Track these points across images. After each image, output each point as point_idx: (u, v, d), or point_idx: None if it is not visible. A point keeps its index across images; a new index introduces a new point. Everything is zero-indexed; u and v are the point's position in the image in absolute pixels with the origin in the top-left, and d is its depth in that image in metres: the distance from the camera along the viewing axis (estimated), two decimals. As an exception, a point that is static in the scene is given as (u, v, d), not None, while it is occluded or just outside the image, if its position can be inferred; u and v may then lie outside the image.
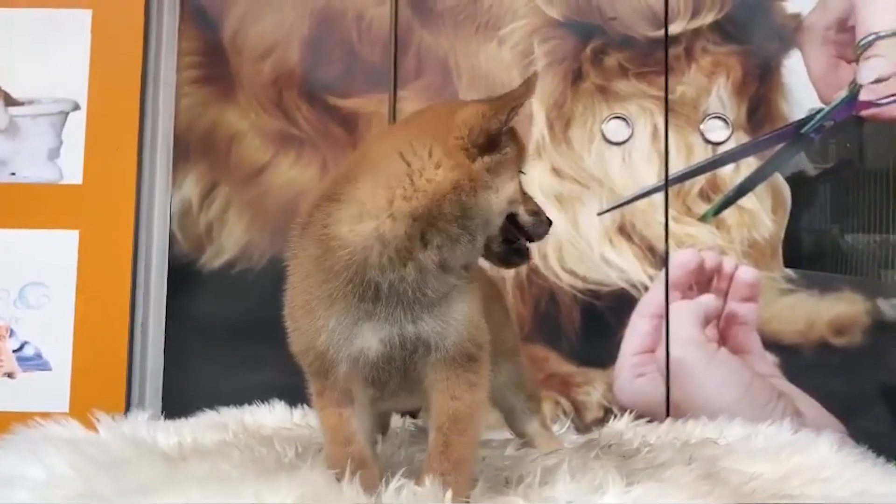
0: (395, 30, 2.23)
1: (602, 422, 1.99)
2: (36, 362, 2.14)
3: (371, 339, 1.07)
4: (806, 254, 2.16)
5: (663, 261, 2.15)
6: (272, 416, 1.65)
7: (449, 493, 0.98)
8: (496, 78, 2.21)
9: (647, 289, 2.15)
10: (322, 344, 1.08)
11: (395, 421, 1.54)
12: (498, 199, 1.11)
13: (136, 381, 2.17)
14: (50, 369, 2.14)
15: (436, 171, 1.06)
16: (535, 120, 2.20)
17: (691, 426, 1.60)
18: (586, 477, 1.02)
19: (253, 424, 1.49)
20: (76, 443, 1.17)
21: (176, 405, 2.02)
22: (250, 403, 1.78)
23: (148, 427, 1.39)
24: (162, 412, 2.11)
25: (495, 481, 1.08)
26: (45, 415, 1.43)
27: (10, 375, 2.14)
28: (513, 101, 1.10)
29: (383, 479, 1.03)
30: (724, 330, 2.14)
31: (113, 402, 2.11)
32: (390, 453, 1.26)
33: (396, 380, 1.10)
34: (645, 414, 2.03)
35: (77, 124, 2.20)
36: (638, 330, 2.15)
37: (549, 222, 1.19)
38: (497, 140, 1.10)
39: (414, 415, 1.55)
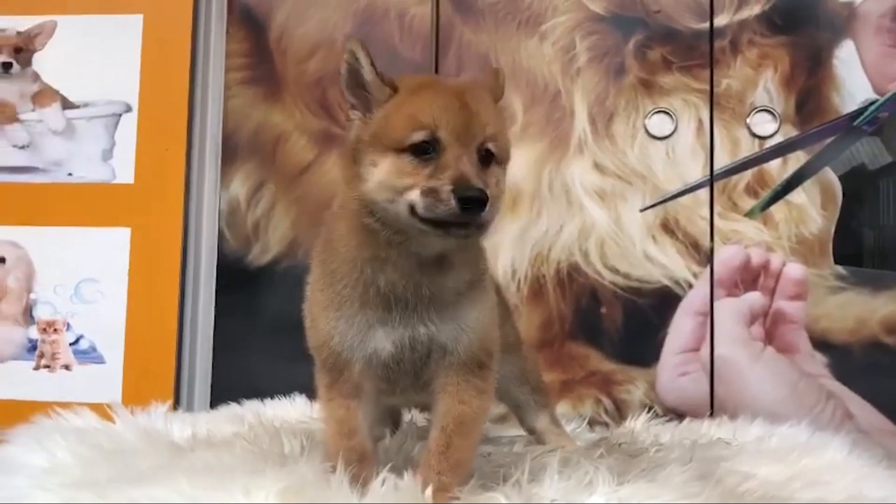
0: (436, 27, 2.24)
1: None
2: (90, 355, 2.23)
3: (383, 341, 1.10)
4: (859, 250, 2.09)
5: (708, 257, 2.11)
6: (293, 409, 1.68)
7: (429, 490, 0.98)
8: (537, 74, 2.20)
9: (691, 286, 2.11)
10: (336, 344, 1.11)
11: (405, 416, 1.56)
12: None
13: (185, 374, 2.24)
14: (104, 362, 2.22)
15: None
16: (577, 115, 2.18)
17: (707, 426, 1.56)
18: (576, 475, 1.01)
19: (272, 417, 1.52)
20: (87, 432, 1.21)
21: (224, 398, 2.07)
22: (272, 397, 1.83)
23: (166, 419, 1.43)
24: (210, 404, 2.18)
25: (490, 478, 1.09)
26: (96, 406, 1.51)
27: (66, 367, 2.24)
28: None
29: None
30: (770, 328, 2.09)
31: (163, 394, 2.18)
32: (397, 447, 1.27)
33: (408, 379, 1.12)
34: (688, 413, 2.01)
35: (129, 126, 2.28)
36: (681, 328, 2.11)
37: None
38: None
39: (424, 408, 1.56)
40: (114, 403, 1.41)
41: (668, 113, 2.15)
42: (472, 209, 1.00)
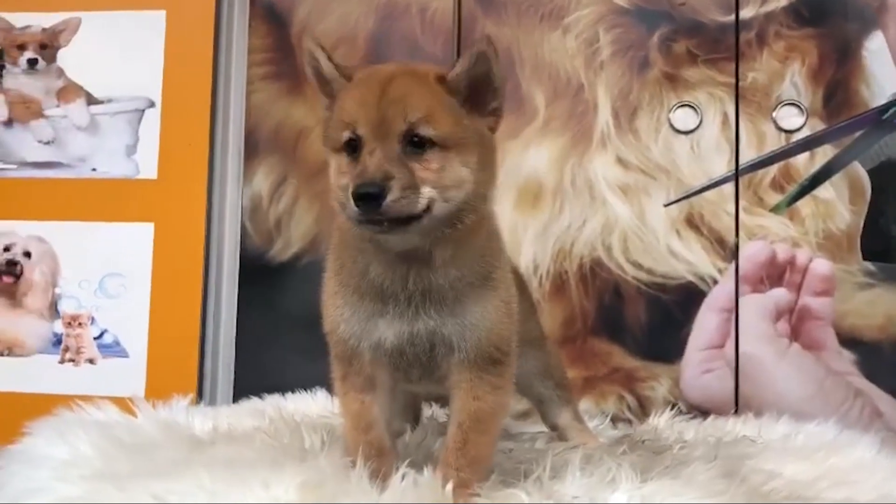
0: (458, 21, 2.23)
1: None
2: (114, 349, 2.25)
3: (385, 331, 1.10)
4: (887, 246, 2.05)
5: (733, 253, 2.08)
6: (314, 403, 1.68)
7: (449, 486, 0.98)
8: (560, 68, 2.18)
9: (715, 282, 2.09)
10: (343, 331, 1.12)
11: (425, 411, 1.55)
12: None
13: (208, 368, 2.25)
14: (127, 356, 2.24)
15: None
16: (600, 109, 2.16)
17: (732, 423, 1.54)
18: (598, 472, 1.00)
19: (292, 411, 1.52)
20: (108, 425, 1.22)
21: (247, 392, 2.07)
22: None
23: (187, 412, 1.44)
24: (233, 399, 2.19)
25: (511, 474, 1.08)
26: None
27: (91, 361, 2.25)
28: None
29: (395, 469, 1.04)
30: (796, 325, 2.06)
31: (186, 388, 2.17)
32: (417, 443, 1.27)
33: (418, 372, 1.12)
34: (713, 411, 1.98)
35: (152, 121, 2.29)
36: (706, 324, 2.09)
37: None
38: None
39: (444, 403, 1.56)
40: (135, 397, 1.42)
41: (692, 107, 2.12)
42: (366, 205, 0.99)
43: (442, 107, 1.06)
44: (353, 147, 1.04)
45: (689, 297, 2.09)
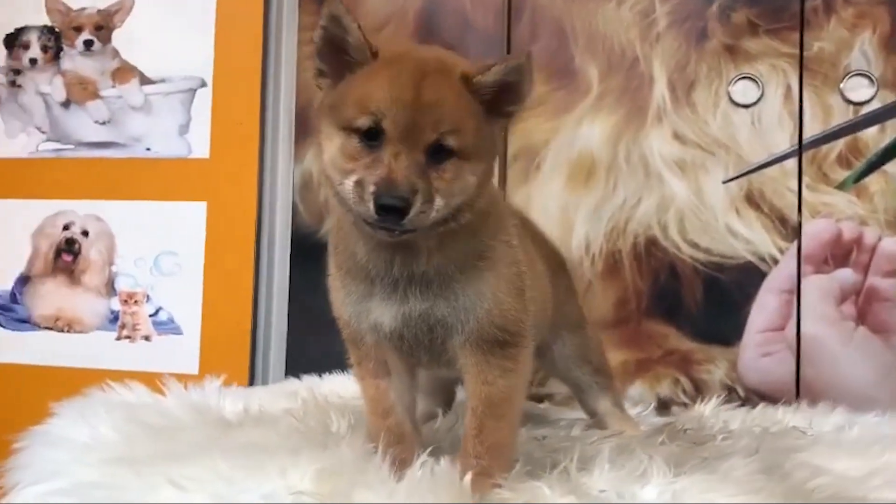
0: (509, -5, 2.17)
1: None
2: (169, 326, 2.28)
3: (381, 315, 1.08)
4: (963, 224, 1.94)
5: (795, 232, 1.99)
6: (350, 384, 1.66)
7: (468, 477, 0.95)
8: (615, 40, 2.11)
9: (776, 262, 2.00)
10: (343, 313, 1.13)
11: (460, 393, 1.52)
12: None
13: (260, 345, 2.27)
14: (181, 333, 2.27)
15: None
16: (656, 83, 2.08)
17: (782, 413, 1.46)
18: (630, 464, 0.95)
19: (326, 393, 1.50)
20: (134, 407, 1.23)
21: (298, 369, 2.08)
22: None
23: (220, 393, 1.43)
24: (286, 377, 2.20)
25: (538, 465, 1.03)
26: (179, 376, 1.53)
27: (146, 338, 2.29)
28: None
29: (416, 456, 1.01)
30: (863, 307, 1.96)
31: (239, 365, 2.22)
32: (447, 427, 1.24)
33: (425, 355, 1.10)
34: (772, 395, 1.92)
35: (204, 101, 2.30)
36: (766, 306, 2.01)
37: None
38: None
39: None
40: (165, 376, 1.42)
41: (753, 79, 2.03)
42: (389, 218, 0.95)
43: (468, 115, 1.02)
44: (370, 135, 0.99)
45: (748, 277, 2.01)
